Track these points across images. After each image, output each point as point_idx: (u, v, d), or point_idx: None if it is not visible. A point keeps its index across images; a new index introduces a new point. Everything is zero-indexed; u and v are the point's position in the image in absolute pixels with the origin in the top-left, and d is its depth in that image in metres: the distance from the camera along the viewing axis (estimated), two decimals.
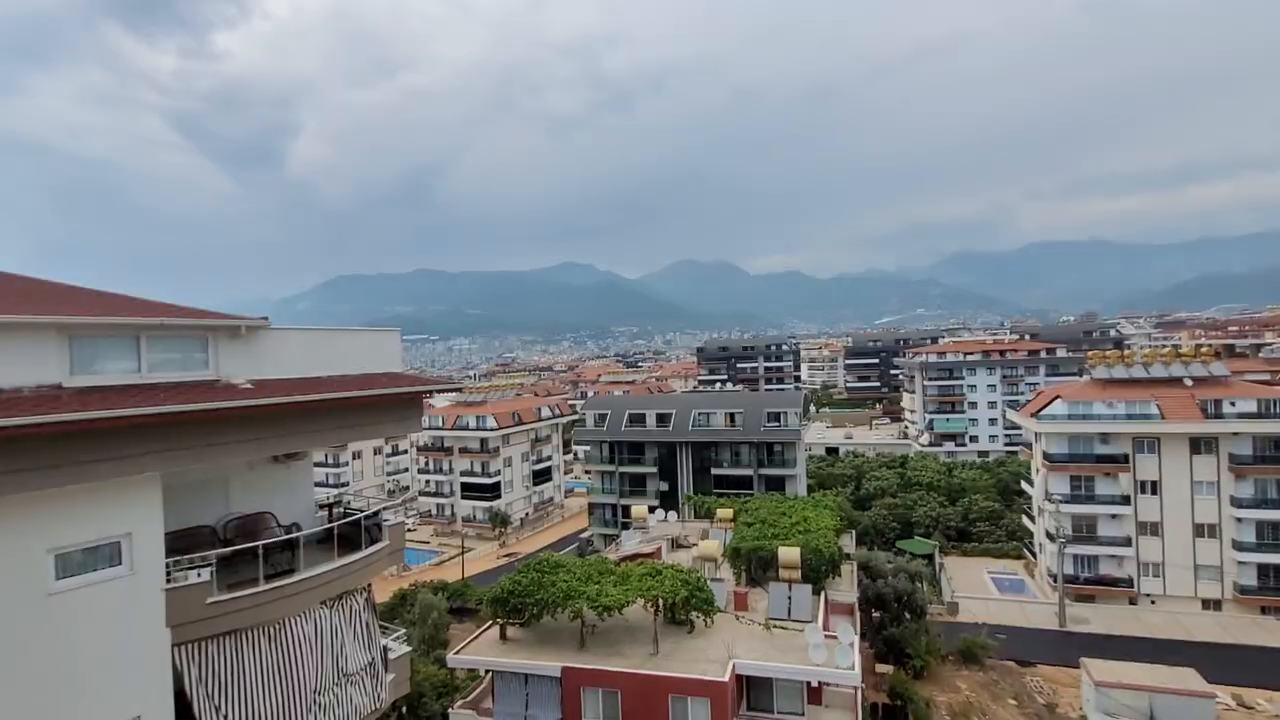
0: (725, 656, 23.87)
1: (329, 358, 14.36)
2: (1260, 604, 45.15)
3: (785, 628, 26.40)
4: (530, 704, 24.51)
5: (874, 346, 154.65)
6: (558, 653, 25.11)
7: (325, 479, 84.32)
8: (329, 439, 14.42)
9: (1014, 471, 68.85)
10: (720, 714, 22.23)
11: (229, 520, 13.74)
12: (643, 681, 23.09)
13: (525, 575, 26.99)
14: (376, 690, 15.08)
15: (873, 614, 37.44)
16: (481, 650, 26.18)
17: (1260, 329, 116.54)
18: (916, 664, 36.41)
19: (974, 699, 35.35)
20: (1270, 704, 34.56)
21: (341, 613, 14.37)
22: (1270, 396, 47.17)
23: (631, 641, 25.70)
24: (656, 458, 60.03)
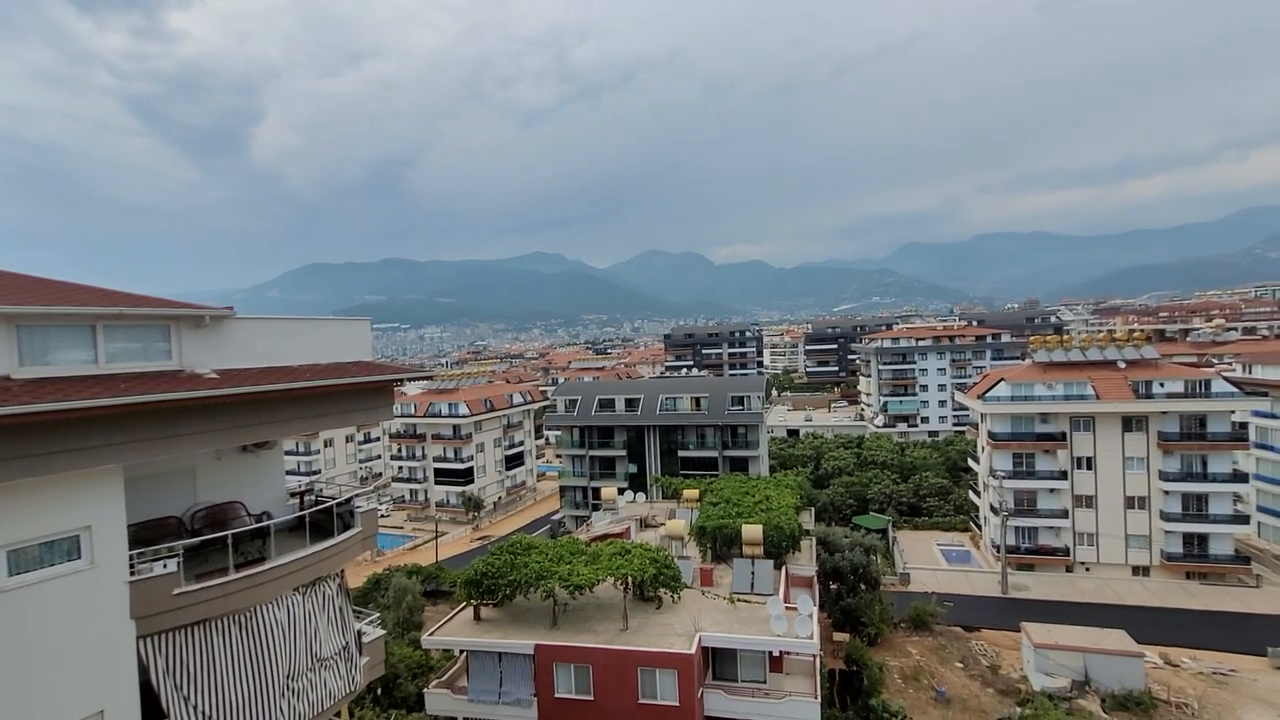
0: (692, 630, 24.92)
1: (297, 347, 14.47)
2: (1185, 570, 48.67)
3: (748, 601, 27.63)
4: (504, 681, 25.19)
5: (832, 333, 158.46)
6: (530, 631, 25.82)
7: (297, 467, 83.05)
8: (298, 428, 14.55)
9: (961, 450, 72.10)
10: (687, 684, 23.28)
11: (197, 510, 13.80)
12: (613, 656, 23.97)
13: (498, 557, 27.55)
14: (351, 673, 15.44)
15: (831, 586, 39.18)
16: (456, 631, 26.69)
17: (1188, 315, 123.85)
18: (871, 632, 38.37)
19: (924, 663, 37.46)
20: (1194, 661, 37.50)
21: (315, 599, 14.64)
22: (1195, 378, 50.55)
23: (602, 618, 26.56)
24: (625, 441, 60.93)
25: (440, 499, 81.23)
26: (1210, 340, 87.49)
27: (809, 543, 36.91)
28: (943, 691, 34.79)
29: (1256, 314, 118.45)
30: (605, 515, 41.53)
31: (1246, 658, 37.33)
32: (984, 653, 39.47)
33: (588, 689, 24.19)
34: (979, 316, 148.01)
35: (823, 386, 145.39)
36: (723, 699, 24.39)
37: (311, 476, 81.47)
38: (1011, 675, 36.95)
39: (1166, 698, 33.58)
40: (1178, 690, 34.30)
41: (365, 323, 16.48)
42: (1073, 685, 34.29)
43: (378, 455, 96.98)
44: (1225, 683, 35.24)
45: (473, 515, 77.84)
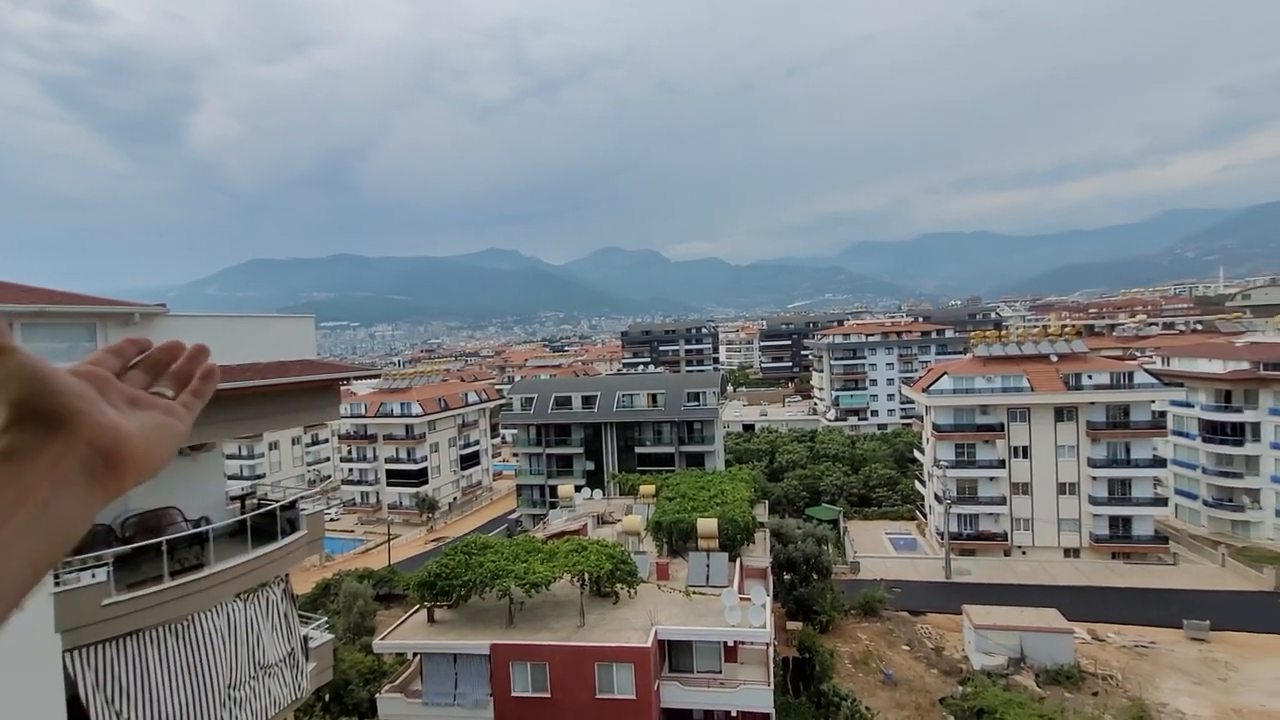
0: (648, 624, 25.18)
1: (237, 345, 14.04)
2: (1111, 550, 51.83)
3: (704, 593, 28.08)
4: (460, 682, 24.92)
5: (786, 329, 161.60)
6: (486, 631, 25.62)
7: (240, 471, 79.61)
8: (239, 429, 14.14)
9: (908, 441, 74.79)
10: (643, 677, 23.53)
11: (128, 517, 13.25)
12: (570, 652, 24.02)
13: (452, 557, 27.22)
14: (297, 680, 15.08)
15: (784, 576, 40.13)
16: (409, 634, 26.27)
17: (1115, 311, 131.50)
18: (823, 619, 39.52)
19: (872, 647, 38.85)
20: (1118, 636, 40.00)
21: (257, 605, 14.25)
22: (1120, 370, 53.84)
23: (559, 616, 26.55)
24: (583, 438, 60.82)
25: (393, 501, 79.37)
26: (1134, 335, 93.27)
27: (763, 535, 37.72)
28: (890, 674, 36.16)
29: (1175, 310, 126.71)
30: (562, 513, 41.47)
31: (1164, 630, 40.06)
32: (929, 635, 41.17)
33: (545, 686, 24.18)
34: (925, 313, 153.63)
35: (777, 382, 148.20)
36: (679, 690, 24.76)
37: (255, 480, 78.44)
38: (954, 656, 38.66)
39: (1094, 670, 35.77)
40: (1104, 663, 36.57)
41: (309, 320, 16.09)
42: (1009, 663, 36.14)
43: (326, 457, 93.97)
44: (1145, 654, 37.75)
45: (427, 517, 76.37)
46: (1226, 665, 36.16)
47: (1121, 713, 31.94)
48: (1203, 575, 48.45)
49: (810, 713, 29.55)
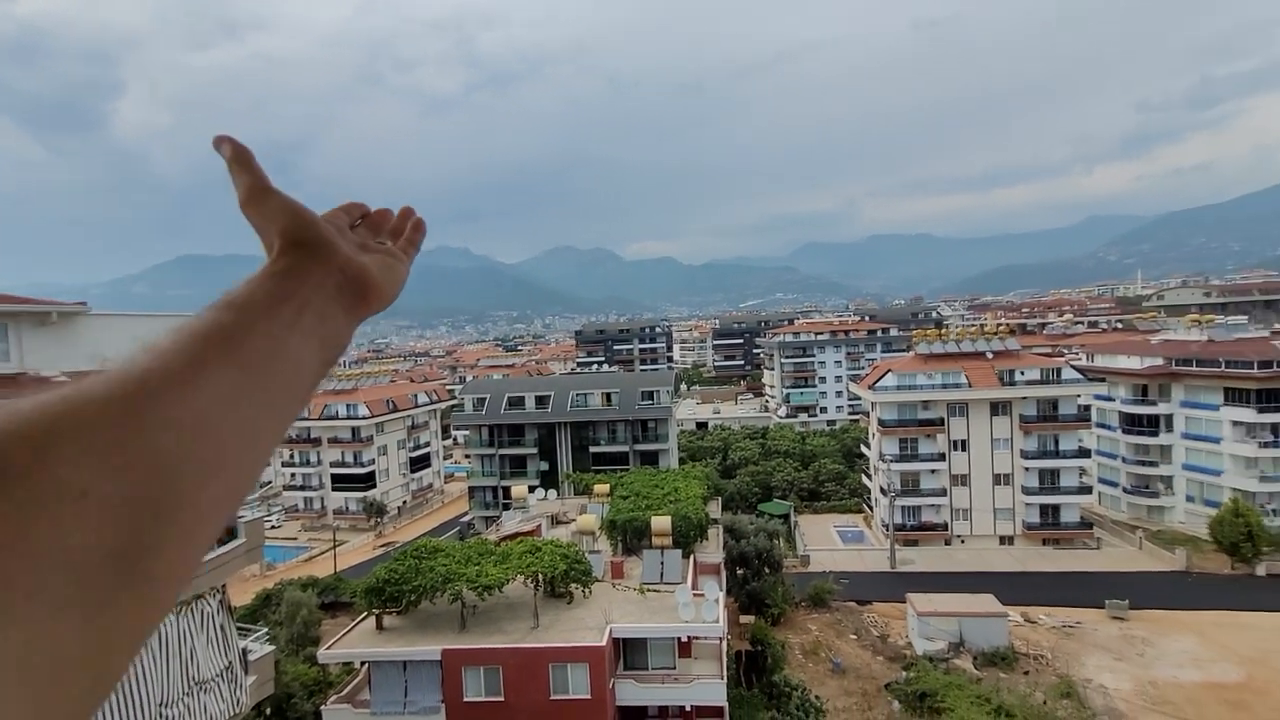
0: (603, 623, 25.22)
1: None
2: (1041, 537, 54.79)
3: (658, 590, 28.31)
4: (410, 690, 24.39)
5: (739, 328, 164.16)
6: (437, 637, 25.16)
7: None
8: None
9: (855, 437, 77.13)
10: (598, 676, 23.56)
11: None
12: (523, 655, 23.83)
13: (402, 562, 26.60)
14: (235, 695, 14.54)
15: (737, 571, 40.80)
16: (356, 643, 25.54)
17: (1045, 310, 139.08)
18: (775, 612, 40.37)
19: (822, 637, 39.97)
20: (1048, 617, 42.32)
21: (190, 618, 13.66)
22: (1049, 366, 56.97)
23: (513, 618, 26.30)
24: (536, 439, 60.27)
25: (339, 506, 76.64)
26: (1062, 333, 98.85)
27: (716, 531, 38.25)
28: (839, 663, 37.28)
29: (1098, 310, 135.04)
30: (516, 514, 41.04)
31: (1089, 610, 42.63)
32: (875, 624, 42.61)
33: (498, 690, 23.91)
34: (871, 312, 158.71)
35: (730, 380, 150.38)
36: (634, 687, 24.90)
37: None
38: (899, 643, 40.14)
39: (1026, 651, 37.79)
40: (1035, 644, 38.68)
41: None
42: (950, 647, 37.78)
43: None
44: (1072, 634, 40.11)
45: (375, 522, 74.16)
46: (1143, 641, 38.79)
47: (1051, 690, 33.87)
48: (1122, 558, 51.79)
49: (763, 704, 30.19)
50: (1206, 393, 54.85)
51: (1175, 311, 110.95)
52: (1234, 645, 37.69)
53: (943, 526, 56.26)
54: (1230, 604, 42.69)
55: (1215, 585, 45.77)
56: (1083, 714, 31.92)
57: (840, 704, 33.74)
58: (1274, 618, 40.50)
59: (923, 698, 32.57)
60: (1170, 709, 32.36)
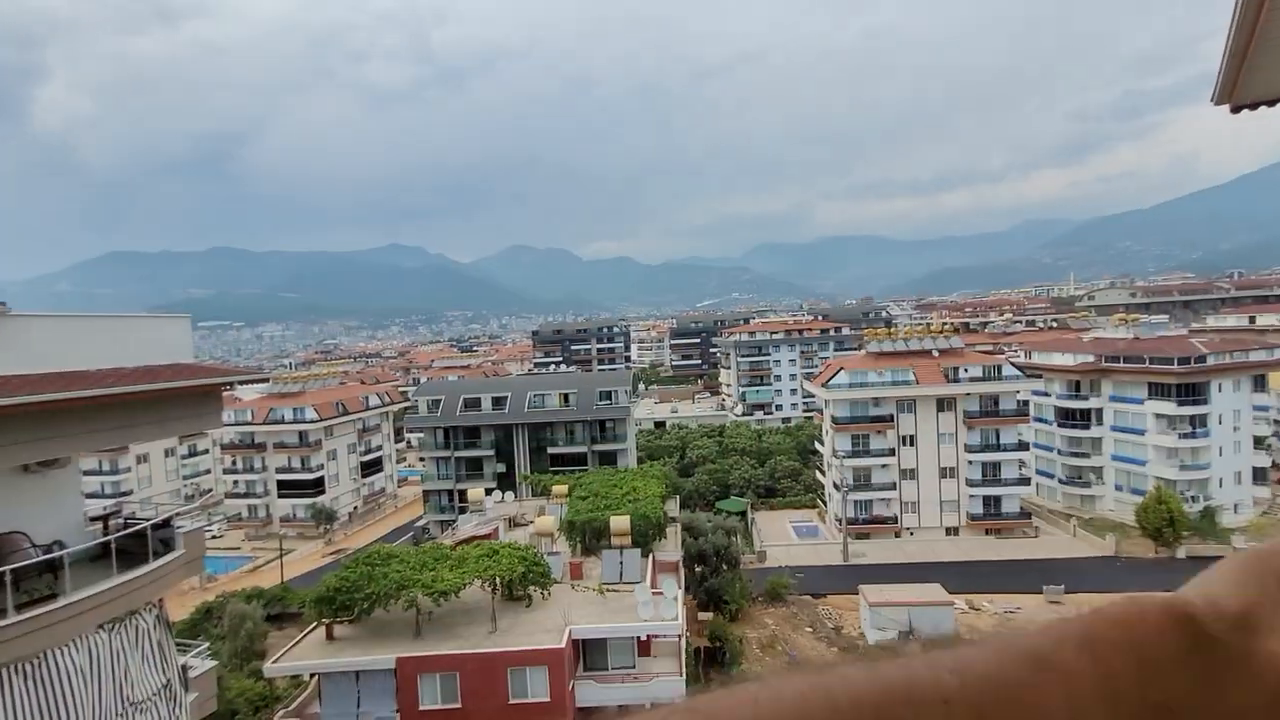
0: (562, 624, 25.07)
1: (97, 348, 12.61)
2: (984, 527, 57.20)
3: (618, 590, 28.32)
4: (363, 701, 23.71)
5: (696, 327, 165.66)
6: (391, 645, 24.56)
7: (101, 488, 71.04)
8: (99, 441, 12.74)
9: (810, 434, 78.95)
10: (558, 678, 23.40)
11: None
12: (480, 660, 23.47)
13: (353, 570, 25.87)
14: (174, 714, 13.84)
15: (696, 568, 41.18)
16: (305, 654, 24.69)
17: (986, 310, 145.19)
18: (733, 608, 40.89)
19: (778, 631, 40.72)
20: (991, 604, 44.20)
21: (125, 635, 12.93)
22: (990, 363, 59.51)
23: (470, 623, 25.88)
24: (493, 440, 59.43)
25: (285, 514, 73.78)
26: (1002, 332, 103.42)
27: (674, 529, 38.56)
28: (794, 655, 38.04)
29: (1035, 309, 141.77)
30: (472, 517, 40.37)
31: (1029, 596, 44.78)
32: (829, 616, 43.68)
33: (455, 697, 23.49)
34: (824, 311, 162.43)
35: (687, 379, 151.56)
36: (594, 688, 24.84)
37: (121, 497, 70.57)
38: (852, 634, 41.26)
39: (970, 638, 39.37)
40: (979, 630, 40.35)
41: (183, 320, 14.72)
42: (900, 636, 39.04)
43: (206, 469, 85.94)
44: (1013, 619, 42.02)
45: (325, 528, 71.75)
46: None
47: None
48: (1058, 545, 54.56)
49: None
50: (1132, 387, 58.31)
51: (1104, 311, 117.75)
52: None
53: (893, 519, 58.08)
54: (1155, 585, 45.46)
55: (1141, 568, 48.71)
56: None
57: None
58: None
59: None
60: None
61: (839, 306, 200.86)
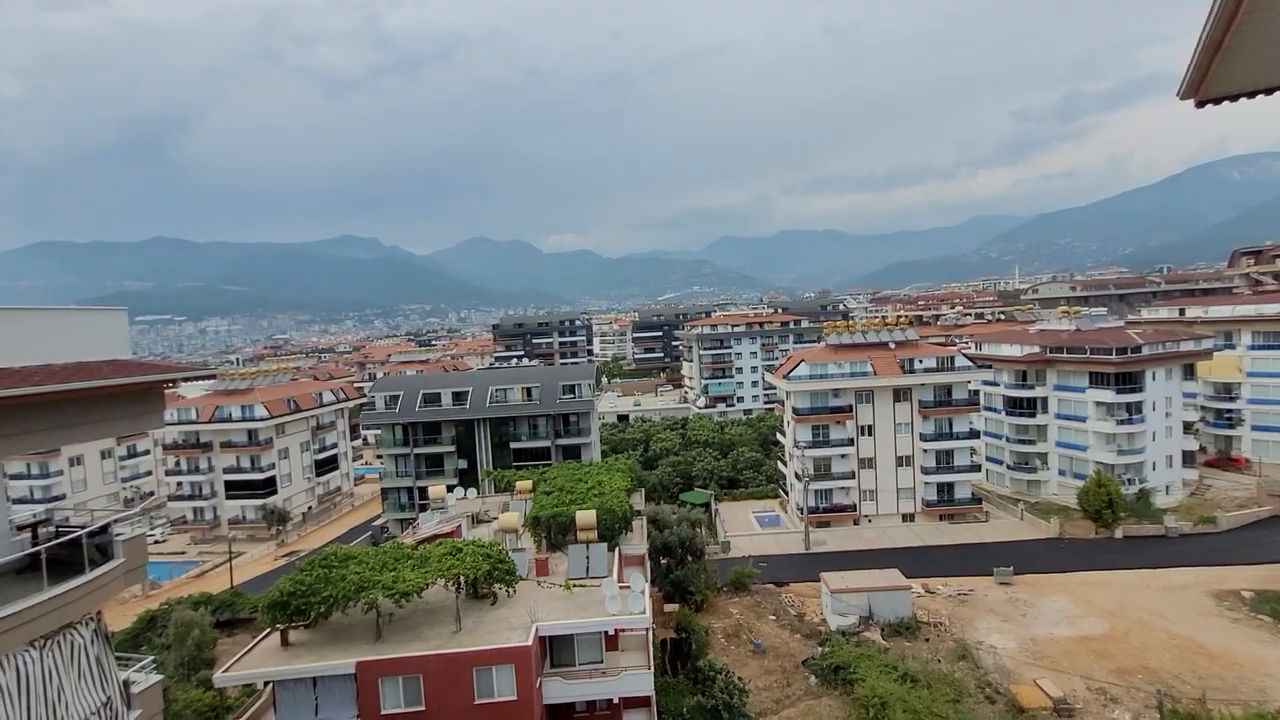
0: (528, 622, 24.73)
1: (21, 344, 11.63)
2: (939, 513, 59.12)
3: (584, 585, 28.12)
4: (321, 708, 22.95)
5: (658, 321, 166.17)
6: (351, 649, 23.81)
7: (29, 493, 66.88)
8: (27, 444, 11.79)
9: (771, 425, 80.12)
10: (525, 676, 23.07)
11: None
12: (444, 661, 22.96)
13: (309, 573, 24.94)
14: None
15: (661, 561, 41.31)
16: (258, 662, 23.69)
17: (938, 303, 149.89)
18: (698, 599, 41.22)
19: (743, 620, 41.21)
20: (946, 587, 45.68)
21: (57, 652, 12.08)
22: (944, 354, 61.33)
23: (433, 623, 25.29)
24: (454, 436, 58.30)
25: (235, 515, 70.95)
26: (954, 324, 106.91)
27: (640, 523, 38.51)
28: (759, 643, 38.58)
29: (984, 303, 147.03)
30: (434, 515, 39.49)
31: (980, 578, 46.50)
32: (792, 604, 44.43)
33: (418, 699, 22.93)
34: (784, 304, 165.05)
35: (650, 372, 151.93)
36: (561, 685, 24.61)
37: (52, 502, 66.58)
38: (815, 620, 42.08)
39: (927, 619, 40.66)
40: (934, 612, 41.69)
41: (119, 313, 13.73)
42: (860, 621, 40.03)
43: (148, 471, 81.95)
44: (966, 601, 43.58)
45: (277, 530, 69.25)
46: (1025, 603, 42.76)
47: (949, 654, 36.64)
48: (1007, 529, 56.84)
49: (688, 689, 30.72)
50: (1075, 376, 61.02)
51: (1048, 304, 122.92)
52: (1099, 601, 42.31)
53: (852, 508, 59.47)
54: (1095, 565, 47.90)
55: (1083, 549, 51.18)
56: (976, 673, 34.75)
57: (761, 683, 34.94)
58: (1130, 574, 45.86)
59: (837, 670, 34.33)
60: (1048, 662, 35.85)
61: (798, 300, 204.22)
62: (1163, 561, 47.47)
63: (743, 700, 31.01)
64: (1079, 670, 34.88)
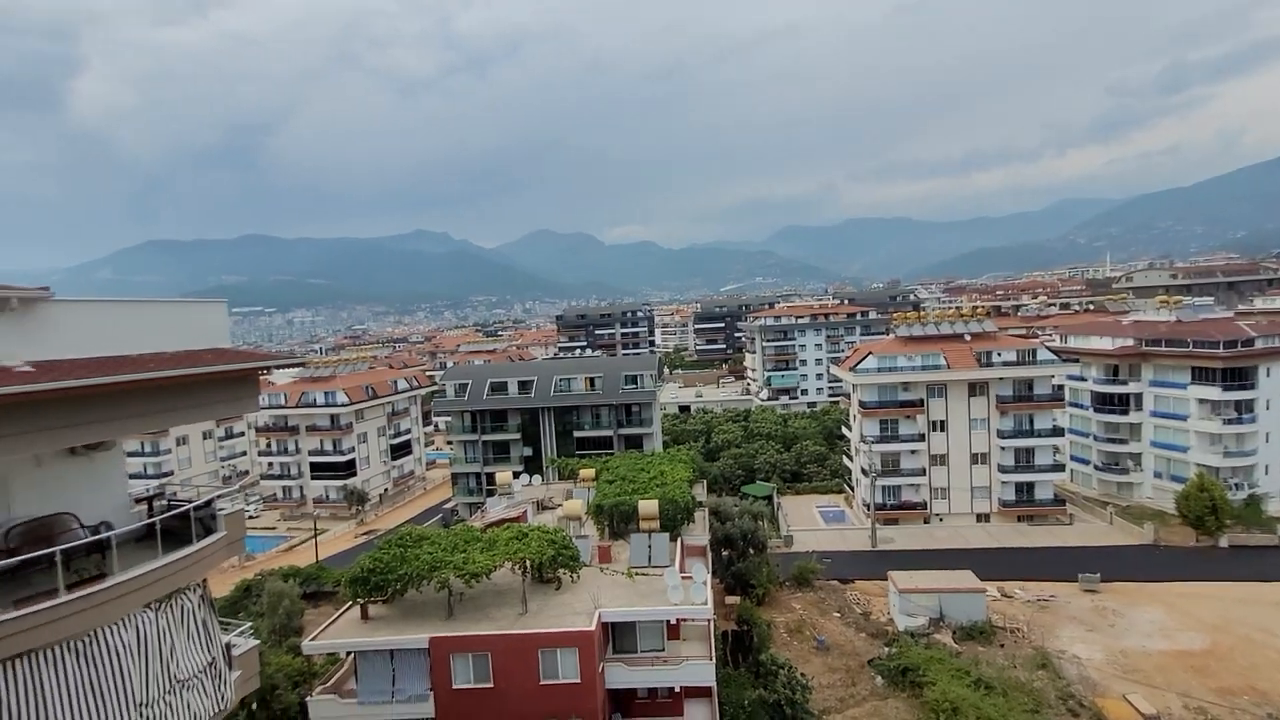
0: (591, 607, 25.17)
1: (136, 333, 12.73)
2: (1017, 514, 56.11)
3: (646, 574, 28.35)
4: (398, 679, 24.16)
5: (720, 312, 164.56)
6: (425, 625, 24.90)
7: (143, 469, 73.82)
8: (143, 425, 12.91)
9: (836, 419, 78.05)
10: (588, 660, 23.55)
11: (11, 527, 11.91)
12: (512, 641, 23.71)
13: (386, 551, 26.25)
14: (220, 690, 14.16)
15: (723, 553, 41.15)
16: (341, 632, 25.20)
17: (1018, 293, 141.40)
18: (759, 592, 40.85)
19: (806, 616, 40.55)
20: (1024, 591, 43.45)
21: (170, 614, 13.20)
22: (1025, 347, 57.92)
23: (500, 604, 26.15)
24: (520, 424, 59.90)
25: (319, 495, 75.77)
26: (1036, 315, 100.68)
27: (702, 514, 38.40)
28: (822, 640, 37.89)
29: (1070, 292, 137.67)
30: (501, 500, 40.77)
31: (1063, 584, 43.89)
32: (857, 602, 43.36)
33: (487, 676, 23.80)
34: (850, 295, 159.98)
35: (712, 363, 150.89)
36: (623, 670, 24.97)
37: (162, 479, 73.05)
38: (881, 619, 40.92)
39: (1003, 624, 38.78)
40: (1011, 617, 39.70)
41: (220, 305, 14.82)
42: (930, 623, 38.61)
43: (243, 451, 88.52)
44: (1047, 607, 41.25)
45: (356, 510, 73.43)
46: (1114, 612, 40.05)
47: (1026, 661, 34.83)
48: (1094, 533, 53.31)
49: (750, 682, 30.54)
50: (1174, 372, 56.32)
51: (1143, 293, 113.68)
52: (1199, 614, 39.10)
53: (922, 505, 57.29)
54: (1195, 575, 44.24)
55: (1181, 557, 47.37)
56: (1057, 684, 32.88)
57: (825, 680, 34.32)
58: (1236, 587, 42.09)
59: (905, 672, 33.28)
60: (1140, 676, 33.49)
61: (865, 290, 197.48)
62: (1274, 574, 43.35)
63: (805, 696, 30.56)
64: (1175, 687, 32.41)
